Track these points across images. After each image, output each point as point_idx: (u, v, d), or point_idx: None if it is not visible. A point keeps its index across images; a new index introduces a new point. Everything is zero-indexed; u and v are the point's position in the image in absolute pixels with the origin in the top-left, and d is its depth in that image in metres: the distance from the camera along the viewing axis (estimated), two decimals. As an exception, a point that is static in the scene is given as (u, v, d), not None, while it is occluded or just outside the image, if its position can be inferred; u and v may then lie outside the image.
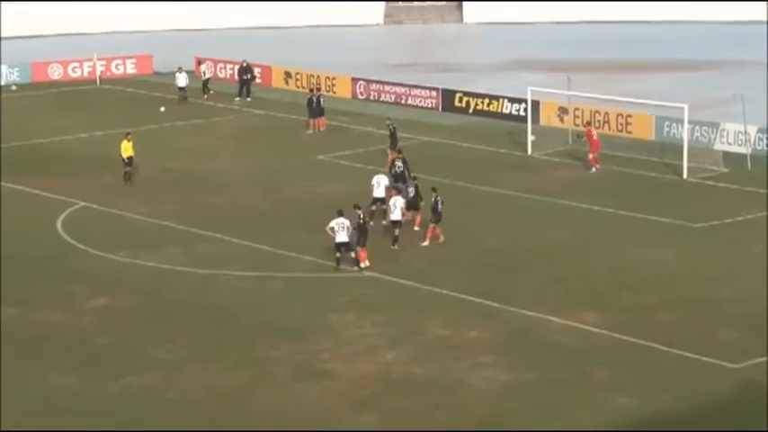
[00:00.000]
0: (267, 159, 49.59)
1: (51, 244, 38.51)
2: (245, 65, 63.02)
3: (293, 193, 44.06)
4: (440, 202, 37.67)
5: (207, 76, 64.55)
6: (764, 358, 28.57)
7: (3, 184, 45.56)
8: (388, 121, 48.82)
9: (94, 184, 45.45)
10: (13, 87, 65.57)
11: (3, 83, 66.14)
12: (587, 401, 26.62)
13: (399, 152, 43.55)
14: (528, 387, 27.45)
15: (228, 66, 68.84)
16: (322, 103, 54.88)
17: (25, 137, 53.77)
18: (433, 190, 38.08)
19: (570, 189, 43.96)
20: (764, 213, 40.44)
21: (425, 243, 37.53)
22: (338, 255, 35.32)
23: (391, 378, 28.08)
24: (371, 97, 61.95)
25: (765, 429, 25.03)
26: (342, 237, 35.03)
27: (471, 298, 32.97)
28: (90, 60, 68.87)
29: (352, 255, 35.39)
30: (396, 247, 36.98)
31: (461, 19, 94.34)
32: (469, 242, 38.17)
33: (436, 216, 37.61)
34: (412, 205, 38.54)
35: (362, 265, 35.27)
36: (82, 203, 42.88)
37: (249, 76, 62.56)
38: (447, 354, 29.33)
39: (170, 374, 28.41)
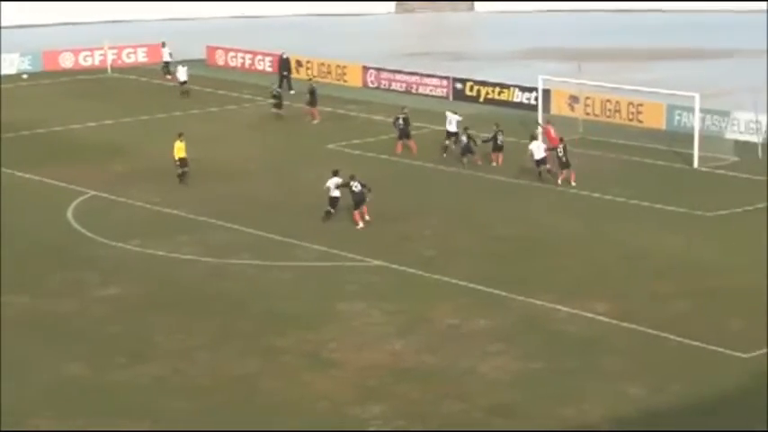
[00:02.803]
0: (277, 148, 49.60)
1: (62, 233, 38.57)
2: (284, 57, 61.93)
3: (303, 183, 44.04)
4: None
5: (167, 58, 65.04)
6: (775, 348, 28.52)
7: (14, 173, 45.64)
8: (404, 110, 48.73)
9: (105, 173, 45.50)
10: (24, 76, 65.67)
11: (15, 71, 66.26)
12: (597, 391, 26.56)
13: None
14: (537, 376, 27.41)
15: (240, 55, 68.91)
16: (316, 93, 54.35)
17: (36, 125, 53.86)
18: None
19: (580, 177, 43.83)
20: (775, 202, 40.37)
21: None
22: (330, 209, 38.33)
23: (400, 367, 28.06)
24: (382, 86, 61.91)
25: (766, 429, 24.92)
26: (335, 193, 38.35)
27: (480, 287, 32.93)
28: (101, 49, 68.95)
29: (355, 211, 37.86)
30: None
31: (473, 8, 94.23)
32: (479, 231, 38.13)
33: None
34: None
35: (358, 225, 37.83)
36: (92, 192, 42.94)
37: (285, 72, 61.18)
38: (456, 343, 29.30)
39: (179, 363, 28.44)
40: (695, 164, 45.48)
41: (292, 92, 60.14)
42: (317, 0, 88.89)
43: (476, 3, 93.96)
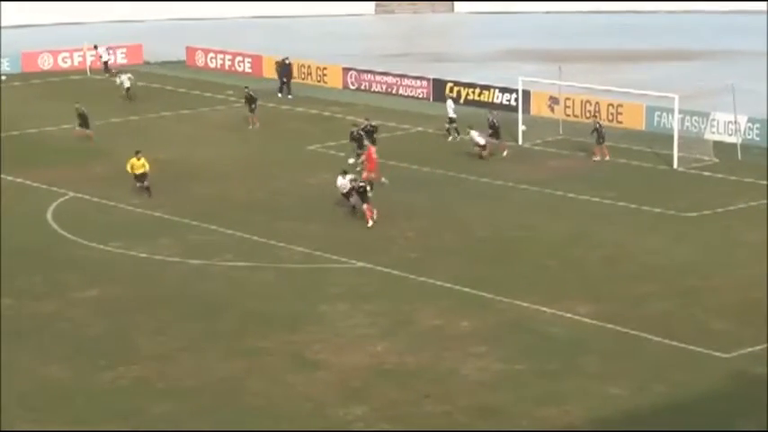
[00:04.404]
0: (257, 150, 49.51)
1: (42, 234, 38.43)
2: (286, 62, 61.43)
3: (284, 184, 44.00)
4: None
5: (105, 58, 66.46)
6: (756, 348, 28.59)
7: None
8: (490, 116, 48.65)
9: (84, 175, 45.35)
10: (3, 77, 65.39)
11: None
12: (579, 392, 26.61)
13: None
14: (520, 377, 27.44)
15: (219, 56, 68.79)
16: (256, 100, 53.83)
17: (14, 127, 53.62)
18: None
19: (561, 179, 43.97)
20: (755, 203, 40.50)
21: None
22: (351, 203, 38.99)
23: (383, 368, 28.06)
24: (362, 87, 61.91)
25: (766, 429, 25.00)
26: (346, 188, 38.90)
27: (464, 288, 32.95)
28: (80, 50, 68.71)
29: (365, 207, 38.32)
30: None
31: (452, 9, 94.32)
32: (462, 232, 38.16)
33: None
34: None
35: (368, 223, 38.15)
36: (71, 194, 42.80)
37: (285, 79, 60.63)
38: (439, 344, 29.31)
39: (162, 365, 28.35)
40: (675, 165, 45.64)
41: (290, 97, 59.79)
42: (297, 0, 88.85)
43: (455, 3, 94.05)
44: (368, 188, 38.71)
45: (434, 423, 25.36)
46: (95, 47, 67.19)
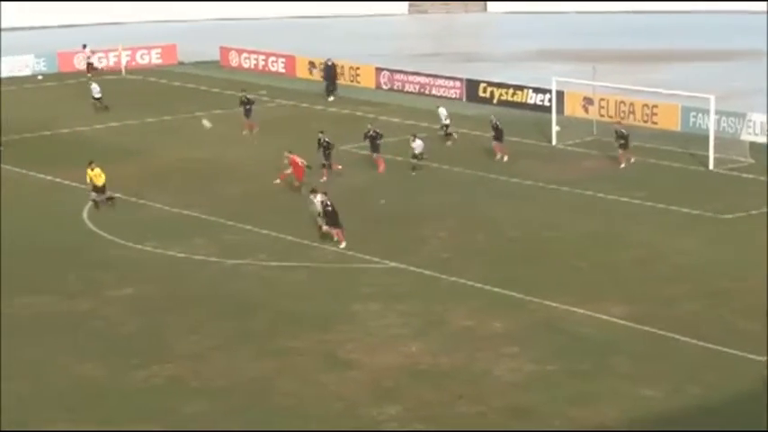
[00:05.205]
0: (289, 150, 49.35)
1: (77, 233, 38.66)
2: (330, 63, 61.28)
3: (316, 184, 43.99)
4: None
5: (92, 60, 66.37)
6: (790, 350, 28.46)
7: (28, 173, 45.79)
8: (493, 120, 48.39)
9: (119, 174, 45.45)
10: (40, 77, 65.80)
11: (30, 72, 66.45)
12: (611, 393, 26.55)
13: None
14: (552, 378, 27.40)
15: (253, 56, 68.98)
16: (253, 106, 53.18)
17: (50, 126, 53.96)
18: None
19: (595, 180, 43.84)
20: (790, 204, 40.29)
21: None
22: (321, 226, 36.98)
23: (416, 369, 28.07)
24: (395, 87, 61.93)
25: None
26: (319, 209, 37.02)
27: (496, 289, 32.92)
28: (116, 50, 69.10)
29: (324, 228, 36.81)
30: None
31: (485, 8, 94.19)
32: (494, 233, 38.13)
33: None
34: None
35: (340, 245, 36.37)
36: (108, 193, 42.93)
37: (331, 79, 60.27)
38: (471, 344, 29.30)
39: (195, 364, 28.49)
40: (711, 166, 45.40)
41: (331, 98, 59.56)
42: (331, 0, 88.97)
43: (488, 3, 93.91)
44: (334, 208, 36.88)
45: (467, 423, 25.38)
46: (84, 46, 67.16)
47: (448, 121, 50.48)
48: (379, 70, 63.04)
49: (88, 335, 30.45)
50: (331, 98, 59.85)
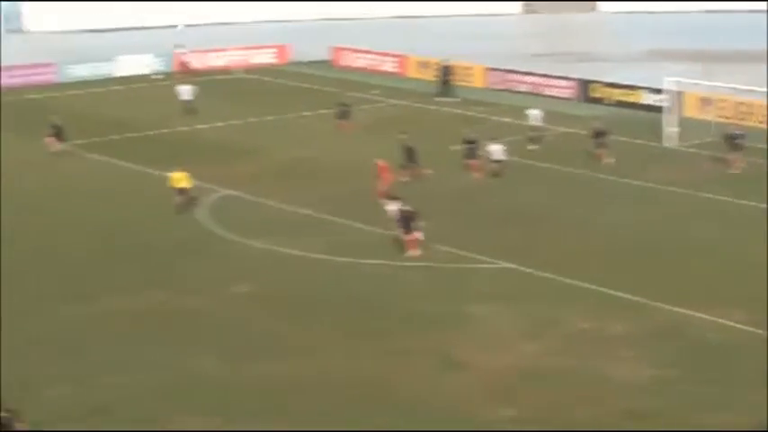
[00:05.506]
0: (400, 149, 49.30)
1: (194, 230, 39.11)
2: (446, 64, 61.26)
3: (428, 184, 43.99)
4: None
5: (187, 59, 67.08)
6: None
7: (147, 170, 46.48)
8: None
9: (234, 172, 46.01)
10: (158, 76, 66.75)
11: (148, 72, 67.50)
12: (735, 402, 26.03)
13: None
14: (673, 384, 26.97)
15: (365, 56, 69.21)
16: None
17: (167, 125, 54.69)
18: None
19: (713, 182, 43.16)
20: None
21: None
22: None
23: (532, 370, 27.88)
24: (507, 87, 61.65)
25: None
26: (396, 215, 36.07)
27: (611, 291, 32.56)
28: (230, 50, 69.90)
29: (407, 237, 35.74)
30: None
31: (597, 8, 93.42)
32: (608, 234, 37.74)
33: None
34: None
35: (409, 253, 35.52)
36: (223, 191, 43.47)
37: (447, 79, 60.36)
38: (588, 347, 29.02)
39: (310, 361, 28.61)
40: (839, 169, 44.42)
41: (447, 99, 59.51)
42: (446, 1, 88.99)
43: (599, 3, 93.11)
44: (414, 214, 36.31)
45: (584, 426, 25.11)
46: (179, 46, 67.81)
47: (539, 124, 49.72)
48: (490, 70, 62.81)
49: (205, 331, 30.75)
50: (445, 99, 59.76)
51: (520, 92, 60.63)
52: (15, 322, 30.99)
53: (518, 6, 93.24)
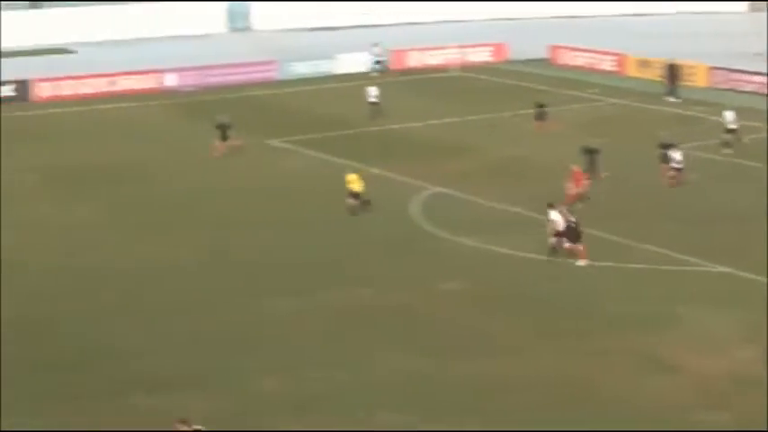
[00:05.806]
0: (613, 148, 47.93)
1: (404, 227, 39.22)
2: (674, 64, 59.70)
3: (637, 185, 42.94)
4: None
5: (379, 57, 66.61)
6: None
7: (358, 167, 46.89)
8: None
9: (446, 170, 45.93)
10: (375, 74, 67.30)
11: (365, 70, 68.19)
12: None
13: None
14: None
15: (583, 54, 68.29)
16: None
17: (382, 122, 55.02)
18: None
19: None
20: None
21: None
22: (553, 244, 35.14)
23: (746, 376, 27.01)
24: (731, 87, 59.79)
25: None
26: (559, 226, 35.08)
27: (833, 297, 31.19)
28: (447, 48, 70.05)
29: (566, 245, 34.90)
30: None
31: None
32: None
33: None
34: None
35: (580, 262, 34.63)
36: (434, 188, 43.48)
37: (675, 80, 58.91)
38: (806, 354, 27.87)
39: (518, 359, 28.36)
40: None
41: (672, 99, 57.93)
42: (673, 0, 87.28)
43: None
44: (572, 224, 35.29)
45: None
46: (375, 44, 67.64)
47: (735, 126, 47.62)
48: (714, 69, 61.03)
49: (415, 327, 30.77)
50: (672, 99, 58.27)
51: (745, 91, 58.67)
52: (224, 315, 31.65)
53: (744, 6, 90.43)
